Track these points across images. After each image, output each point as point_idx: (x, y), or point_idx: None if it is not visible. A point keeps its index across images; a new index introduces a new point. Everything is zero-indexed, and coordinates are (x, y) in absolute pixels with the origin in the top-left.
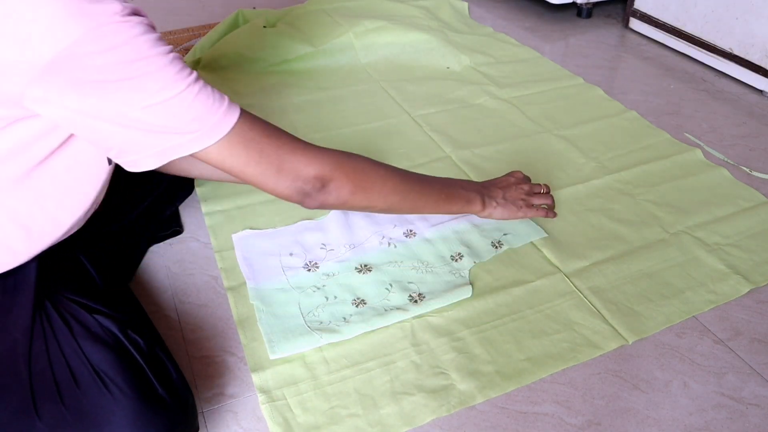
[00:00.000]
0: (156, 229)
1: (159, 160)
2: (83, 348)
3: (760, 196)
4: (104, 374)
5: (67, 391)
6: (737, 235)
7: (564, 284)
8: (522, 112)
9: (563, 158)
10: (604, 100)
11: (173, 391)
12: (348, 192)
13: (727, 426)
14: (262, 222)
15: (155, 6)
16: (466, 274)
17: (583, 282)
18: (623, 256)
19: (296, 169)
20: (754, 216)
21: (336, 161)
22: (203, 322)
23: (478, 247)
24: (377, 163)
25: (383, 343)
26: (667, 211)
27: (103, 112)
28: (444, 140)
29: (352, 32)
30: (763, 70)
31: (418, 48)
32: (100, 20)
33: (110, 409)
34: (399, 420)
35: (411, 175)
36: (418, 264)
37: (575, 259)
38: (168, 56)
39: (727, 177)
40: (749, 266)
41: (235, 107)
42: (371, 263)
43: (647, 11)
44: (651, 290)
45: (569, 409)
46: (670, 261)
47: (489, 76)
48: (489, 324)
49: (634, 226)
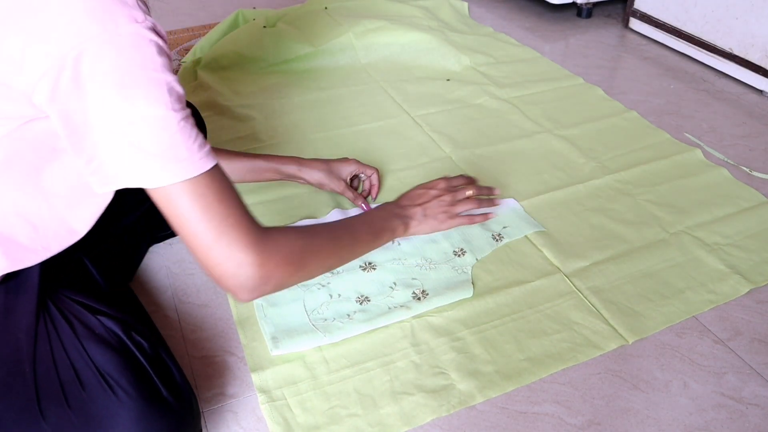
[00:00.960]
0: (156, 229)
1: (126, 178)
2: (87, 349)
3: (760, 196)
4: (109, 376)
5: (72, 392)
6: (737, 234)
7: (564, 284)
8: (522, 112)
9: (563, 158)
10: (604, 100)
11: (177, 393)
12: (285, 278)
13: (727, 426)
14: (264, 222)
15: (155, 6)
16: (469, 271)
17: (582, 282)
18: (623, 256)
19: (230, 248)
20: (754, 216)
21: (271, 250)
22: (203, 322)
23: (480, 240)
24: (308, 232)
25: (383, 343)
26: (666, 211)
27: (91, 113)
28: (444, 140)
29: (352, 32)
30: (763, 70)
31: (418, 48)
32: (119, 22)
33: (115, 411)
34: (399, 420)
35: (339, 229)
36: (421, 261)
37: (575, 259)
38: (170, 83)
39: (727, 177)
40: (749, 266)
41: (213, 157)
42: (375, 261)
43: (647, 11)
44: (651, 290)
45: (569, 409)
46: (669, 261)
47: (489, 76)
48: (489, 324)
49: (634, 226)
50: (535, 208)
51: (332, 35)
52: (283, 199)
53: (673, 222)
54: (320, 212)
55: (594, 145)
